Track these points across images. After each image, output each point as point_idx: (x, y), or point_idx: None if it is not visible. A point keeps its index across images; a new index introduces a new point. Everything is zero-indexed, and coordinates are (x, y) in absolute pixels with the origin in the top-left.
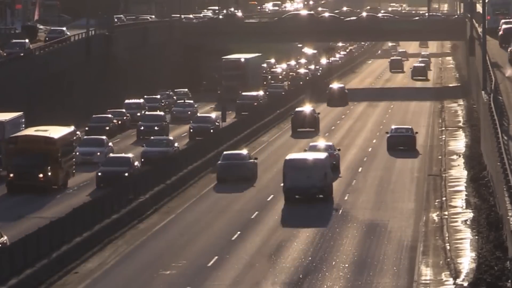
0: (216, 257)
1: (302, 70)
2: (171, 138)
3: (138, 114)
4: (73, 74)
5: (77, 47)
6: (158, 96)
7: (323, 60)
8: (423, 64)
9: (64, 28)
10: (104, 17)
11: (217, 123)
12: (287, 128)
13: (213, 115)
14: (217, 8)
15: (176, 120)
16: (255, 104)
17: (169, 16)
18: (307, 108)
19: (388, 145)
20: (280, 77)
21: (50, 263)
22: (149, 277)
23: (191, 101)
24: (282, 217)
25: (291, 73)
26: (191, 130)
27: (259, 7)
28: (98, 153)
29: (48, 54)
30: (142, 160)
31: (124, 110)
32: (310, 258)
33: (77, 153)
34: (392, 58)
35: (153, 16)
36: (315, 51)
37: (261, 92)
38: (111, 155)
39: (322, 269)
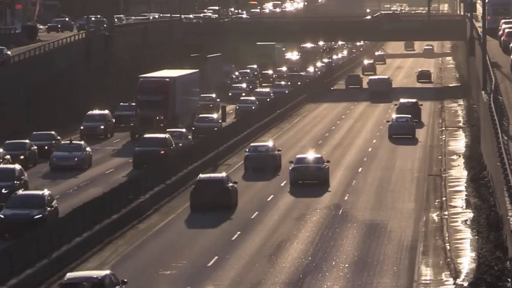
0: (216, 257)
1: (311, 69)
2: None
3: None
4: (73, 75)
5: (77, 47)
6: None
7: (309, 69)
8: (430, 47)
9: (4, 47)
10: (103, 19)
11: (52, 207)
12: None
13: (46, 191)
14: (217, 8)
15: (56, 172)
16: (162, 152)
17: (169, 16)
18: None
19: (417, 78)
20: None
21: (50, 263)
22: (149, 277)
23: (81, 142)
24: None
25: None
26: (2, 220)
27: (259, 7)
28: None
29: (48, 54)
30: None
31: (53, 133)
32: (310, 258)
33: None
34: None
35: (156, 16)
36: (298, 56)
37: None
38: None
39: (322, 269)
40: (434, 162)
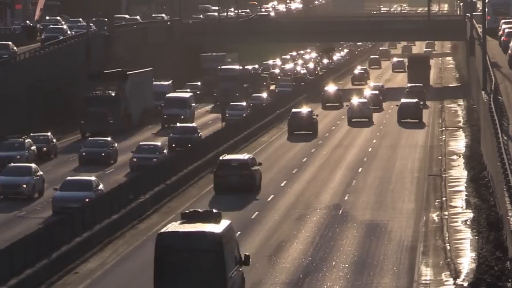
0: None
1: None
2: None
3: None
4: (73, 75)
5: (77, 48)
6: None
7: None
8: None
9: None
10: (103, 19)
11: None
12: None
13: None
14: (217, 8)
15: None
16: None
17: (173, 16)
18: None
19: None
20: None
21: (50, 263)
22: (149, 277)
23: (32, 165)
24: None
25: None
26: None
27: (259, 7)
28: None
29: (48, 55)
30: None
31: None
32: (310, 258)
33: None
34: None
35: (159, 16)
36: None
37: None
38: None
39: (322, 269)
40: (434, 162)
